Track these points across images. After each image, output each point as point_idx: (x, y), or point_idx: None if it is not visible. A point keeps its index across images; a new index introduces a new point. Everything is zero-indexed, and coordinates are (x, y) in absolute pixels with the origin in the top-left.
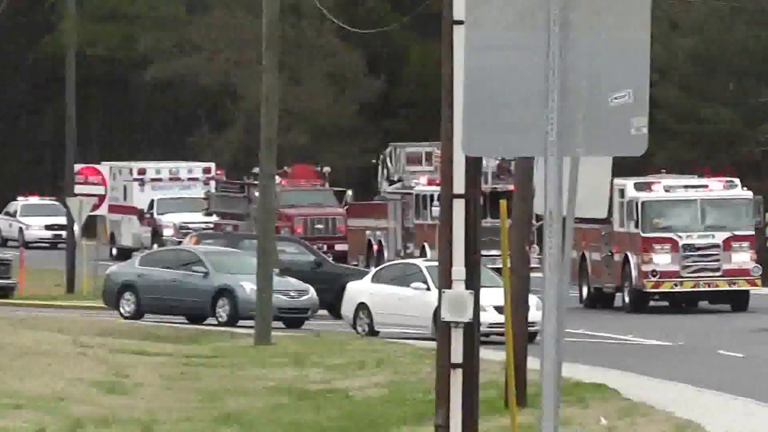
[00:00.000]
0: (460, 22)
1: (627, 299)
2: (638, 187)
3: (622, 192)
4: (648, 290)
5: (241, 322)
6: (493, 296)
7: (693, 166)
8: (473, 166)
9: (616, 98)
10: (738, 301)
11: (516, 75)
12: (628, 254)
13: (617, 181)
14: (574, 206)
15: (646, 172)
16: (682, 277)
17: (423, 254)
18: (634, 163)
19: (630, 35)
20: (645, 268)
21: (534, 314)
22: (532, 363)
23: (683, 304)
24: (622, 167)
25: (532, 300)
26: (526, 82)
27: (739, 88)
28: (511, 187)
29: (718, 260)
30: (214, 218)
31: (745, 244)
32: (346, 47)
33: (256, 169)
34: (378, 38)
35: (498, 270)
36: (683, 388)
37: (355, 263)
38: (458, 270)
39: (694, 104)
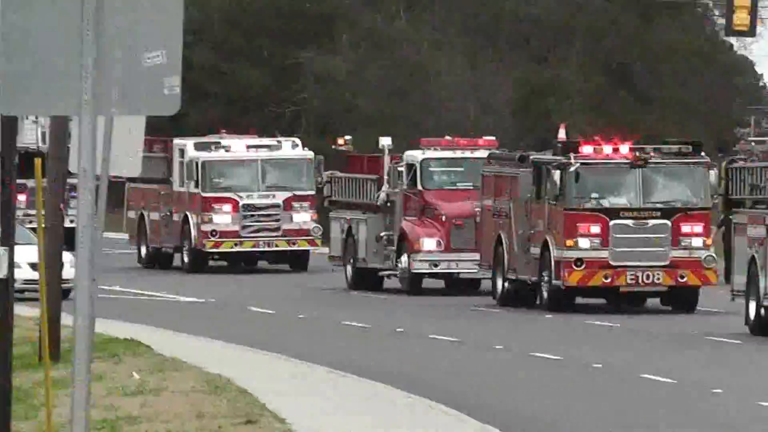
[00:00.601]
0: None
1: (186, 259)
2: (198, 146)
3: (182, 152)
4: (207, 250)
5: None
6: (27, 253)
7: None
8: (9, 125)
9: (149, 58)
10: (298, 261)
11: (51, 34)
12: (188, 214)
13: (177, 141)
14: (108, 165)
15: (182, 132)
16: (242, 237)
17: None
18: (171, 123)
19: None
20: (205, 227)
21: (69, 271)
22: (67, 319)
23: (243, 263)
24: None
25: (68, 257)
26: (61, 41)
27: (272, 49)
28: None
29: (278, 220)
30: None
31: (306, 204)
32: None
33: None
34: None
35: (35, 229)
36: (214, 343)
37: None
38: None
39: (228, 65)
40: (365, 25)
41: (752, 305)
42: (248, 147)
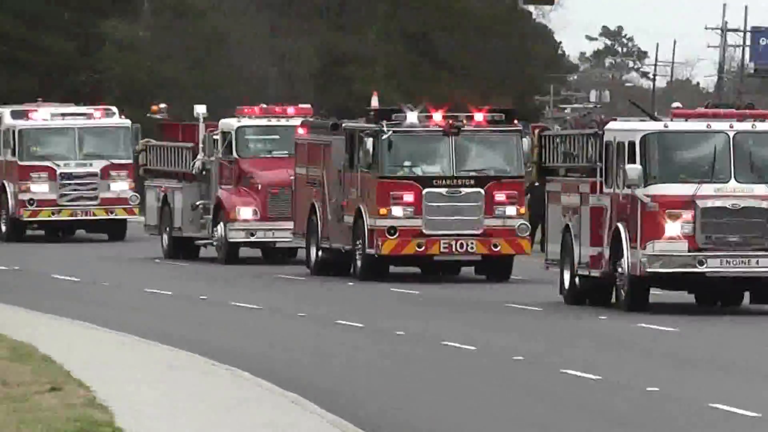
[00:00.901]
0: None
1: (4, 228)
2: (15, 115)
3: None
4: (25, 219)
5: None
6: None
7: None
8: None
9: None
10: (115, 230)
11: None
12: (6, 183)
13: None
14: None
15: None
16: (60, 206)
17: None
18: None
19: None
20: (22, 197)
21: None
22: None
23: (60, 233)
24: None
25: None
26: None
27: (74, 17)
28: None
29: (96, 189)
30: None
31: (124, 173)
32: None
33: None
34: None
35: None
36: (17, 311)
37: None
38: None
39: (30, 33)
40: None
41: (566, 274)
42: (65, 115)
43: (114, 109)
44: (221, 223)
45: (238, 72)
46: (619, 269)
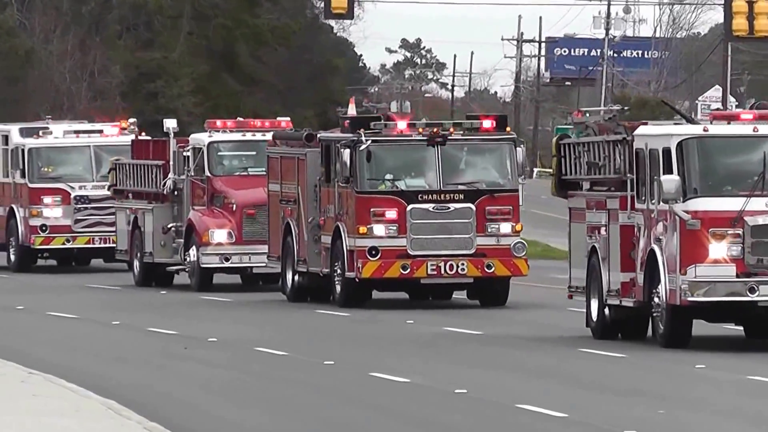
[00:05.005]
0: None
1: (13, 257)
2: (24, 132)
3: (6, 138)
4: (36, 247)
5: None
6: None
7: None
8: None
9: None
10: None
11: None
12: (14, 207)
13: (1, 126)
14: None
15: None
16: (75, 233)
17: None
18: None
19: None
20: (33, 222)
21: None
22: None
23: (74, 262)
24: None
25: None
26: None
27: None
28: None
29: (113, 214)
30: None
31: None
32: None
33: None
34: None
35: None
36: None
37: None
38: None
39: None
40: None
41: (594, 304)
42: (79, 132)
43: (132, 121)
44: (194, 247)
45: (49, 87)
46: (656, 298)
